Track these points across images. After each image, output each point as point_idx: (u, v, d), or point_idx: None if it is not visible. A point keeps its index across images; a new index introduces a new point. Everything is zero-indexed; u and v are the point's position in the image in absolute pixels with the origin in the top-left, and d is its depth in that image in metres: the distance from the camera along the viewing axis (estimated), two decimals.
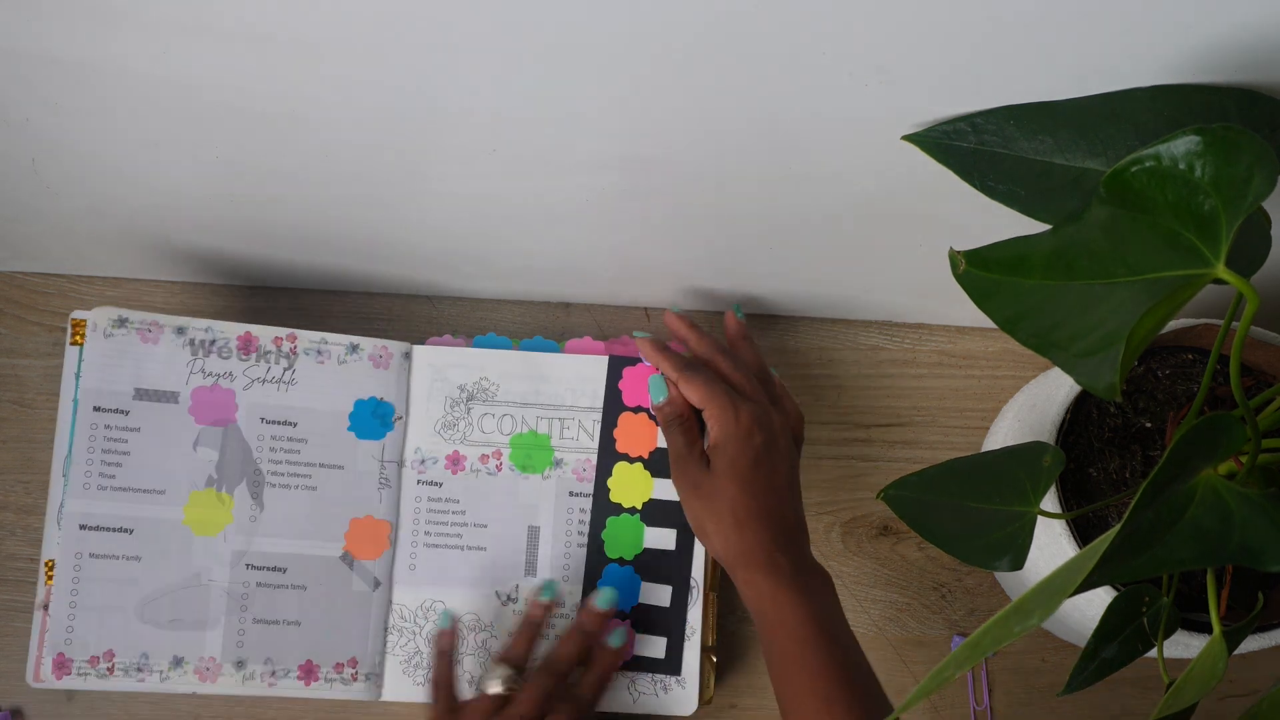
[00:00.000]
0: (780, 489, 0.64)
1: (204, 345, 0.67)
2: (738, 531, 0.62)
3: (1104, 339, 0.40)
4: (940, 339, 0.81)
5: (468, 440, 0.71)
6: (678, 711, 0.69)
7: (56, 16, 0.45)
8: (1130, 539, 0.39)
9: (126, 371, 0.66)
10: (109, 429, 0.66)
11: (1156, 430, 0.65)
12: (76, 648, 0.64)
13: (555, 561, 0.70)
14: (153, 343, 0.66)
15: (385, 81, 0.49)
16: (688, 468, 0.65)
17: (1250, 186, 0.38)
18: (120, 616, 0.65)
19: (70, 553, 0.65)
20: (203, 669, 0.66)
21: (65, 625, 0.64)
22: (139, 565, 0.65)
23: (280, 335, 0.68)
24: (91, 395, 0.65)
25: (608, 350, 0.72)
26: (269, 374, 0.68)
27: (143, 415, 0.66)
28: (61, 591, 0.64)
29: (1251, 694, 0.77)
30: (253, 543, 0.67)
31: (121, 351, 0.66)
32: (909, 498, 0.57)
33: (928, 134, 0.50)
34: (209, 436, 0.67)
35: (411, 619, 0.69)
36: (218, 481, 0.67)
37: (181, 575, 0.66)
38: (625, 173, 0.57)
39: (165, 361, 0.66)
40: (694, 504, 0.64)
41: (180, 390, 0.67)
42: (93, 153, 0.58)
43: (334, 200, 0.63)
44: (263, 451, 0.68)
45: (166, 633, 0.65)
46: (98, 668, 0.65)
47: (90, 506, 0.65)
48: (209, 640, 0.66)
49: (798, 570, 0.62)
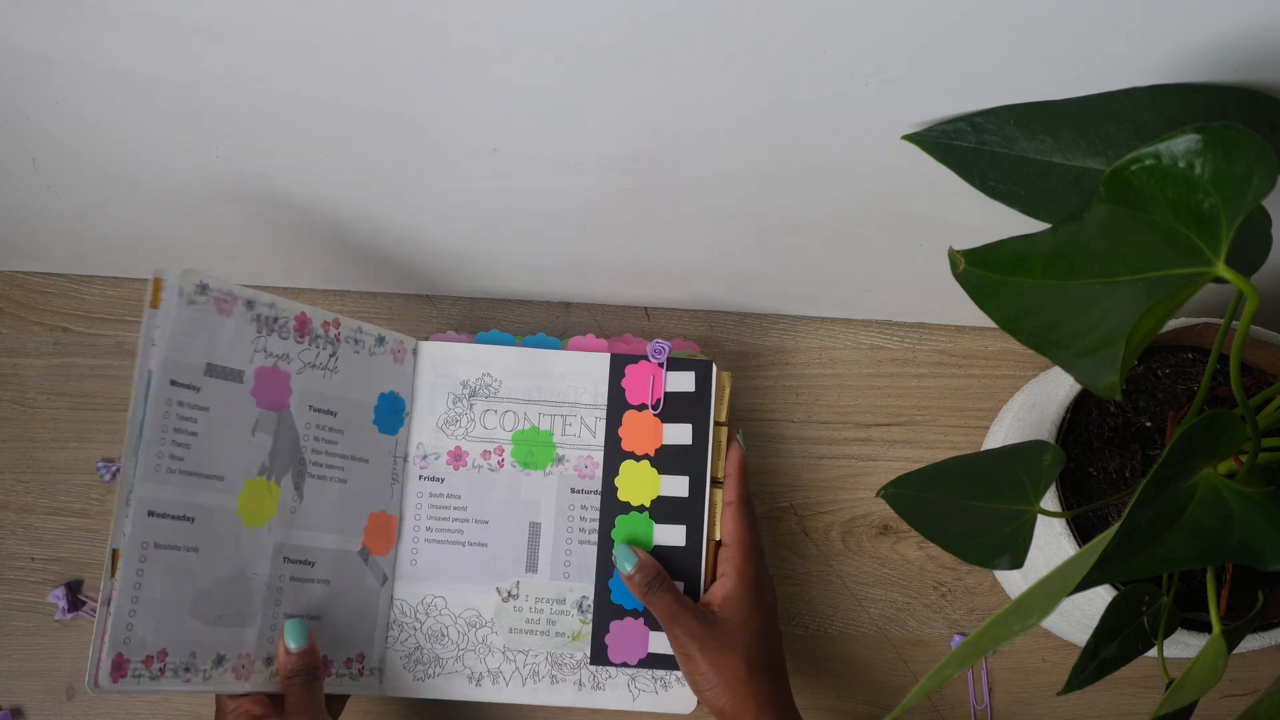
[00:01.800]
0: (780, 646, 0.67)
1: (268, 323, 0.62)
2: (751, 683, 0.63)
3: (1104, 338, 0.40)
4: (940, 338, 0.81)
5: (470, 436, 0.71)
6: (677, 710, 0.69)
7: (56, 16, 0.45)
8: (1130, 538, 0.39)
9: (201, 344, 0.59)
10: (181, 406, 0.58)
11: (1156, 429, 0.65)
12: (134, 647, 0.56)
13: (556, 558, 0.70)
14: (226, 314, 0.60)
15: (385, 81, 0.49)
16: (687, 622, 0.64)
17: (1250, 185, 0.38)
18: (175, 613, 0.58)
19: (137, 542, 0.57)
20: (239, 666, 0.61)
21: (125, 623, 0.56)
22: (196, 557, 0.59)
23: (329, 320, 0.65)
24: (169, 368, 0.58)
25: (610, 348, 0.72)
26: (317, 359, 0.65)
27: (212, 393, 0.60)
28: (125, 586, 0.56)
29: (1251, 694, 0.77)
30: (291, 535, 0.64)
31: (199, 322, 0.59)
32: (909, 496, 0.56)
33: (928, 134, 0.50)
34: (266, 421, 0.62)
35: (412, 614, 0.69)
36: (269, 470, 0.62)
37: (231, 568, 0.60)
38: (625, 173, 0.57)
39: (235, 337, 0.61)
40: (696, 655, 0.64)
41: (245, 369, 0.61)
42: (93, 152, 0.58)
43: (334, 199, 0.63)
44: (308, 440, 0.64)
45: (212, 629, 0.59)
46: (151, 668, 0.57)
47: (159, 491, 0.58)
48: (247, 636, 0.61)
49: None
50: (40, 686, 0.73)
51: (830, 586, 0.77)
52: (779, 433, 0.79)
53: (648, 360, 0.71)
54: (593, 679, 0.69)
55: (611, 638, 0.69)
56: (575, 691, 0.69)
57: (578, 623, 0.70)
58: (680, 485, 0.70)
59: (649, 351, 0.71)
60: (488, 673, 0.69)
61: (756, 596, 0.66)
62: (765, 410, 0.80)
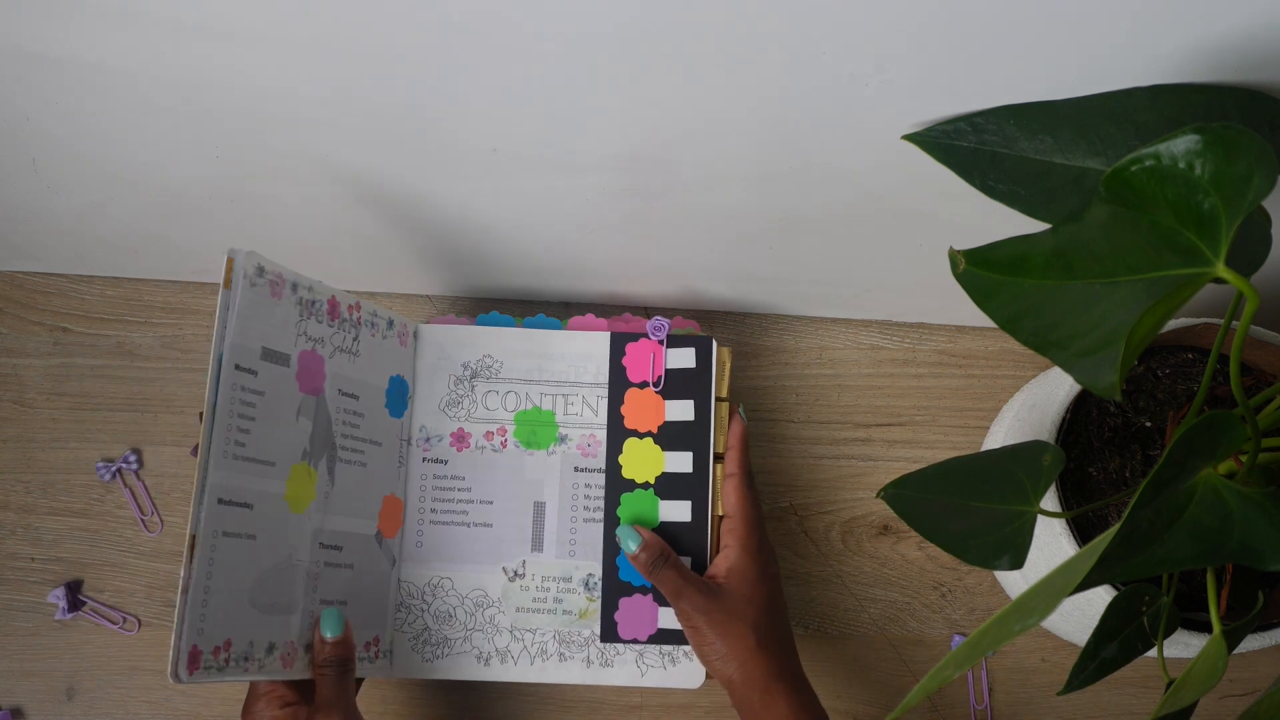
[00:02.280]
0: (787, 618, 0.67)
1: (308, 306, 0.62)
2: (760, 654, 0.63)
3: (1104, 338, 0.40)
4: (940, 339, 0.81)
5: (472, 418, 0.71)
6: (685, 685, 0.70)
7: (56, 16, 0.45)
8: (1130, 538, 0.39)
9: (258, 327, 0.58)
10: (244, 391, 0.57)
11: (1156, 430, 0.65)
12: (206, 638, 0.55)
13: (561, 536, 0.70)
14: (277, 298, 0.60)
15: (386, 82, 0.49)
16: (693, 595, 0.64)
17: (1250, 185, 0.38)
18: (238, 602, 0.57)
19: (210, 530, 0.56)
20: (286, 654, 0.60)
21: (200, 614, 0.55)
22: (254, 545, 0.58)
23: (352, 303, 0.65)
24: (235, 351, 0.57)
25: (610, 327, 0.72)
26: (344, 343, 0.64)
27: (266, 378, 0.59)
28: (200, 575, 0.55)
29: (1251, 694, 0.77)
30: (326, 520, 0.63)
31: (257, 304, 0.58)
32: (909, 496, 0.56)
33: (928, 134, 0.50)
34: (307, 406, 0.61)
35: (419, 596, 0.69)
36: (310, 455, 0.62)
37: (280, 555, 0.60)
38: (625, 172, 0.57)
39: (283, 321, 0.60)
40: (704, 628, 0.64)
41: (291, 353, 0.60)
42: (93, 153, 0.58)
43: (334, 199, 0.63)
44: (338, 425, 0.64)
45: (266, 618, 0.59)
46: (219, 659, 0.56)
47: (226, 478, 0.56)
48: (293, 624, 0.60)
49: (810, 695, 0.64)
50: (40, 686, 0.73)
51: (830, 586, 0.77)
52: (779, 433, 0.79)
53: (648, 338, 0.71)
54: (601, 656, 0.70)
55: (621, 614, 0.70)
56: (584, 669, 0.69)
57: (584, 600, 0.70)
58: (684, 461, 0.70)
59: (649, 329, 0.71)
60: (496, 652, 0.69)
61: (761, 567, 0.66)
62: (765, 410, 0.80)
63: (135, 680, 0.74)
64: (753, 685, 0.63)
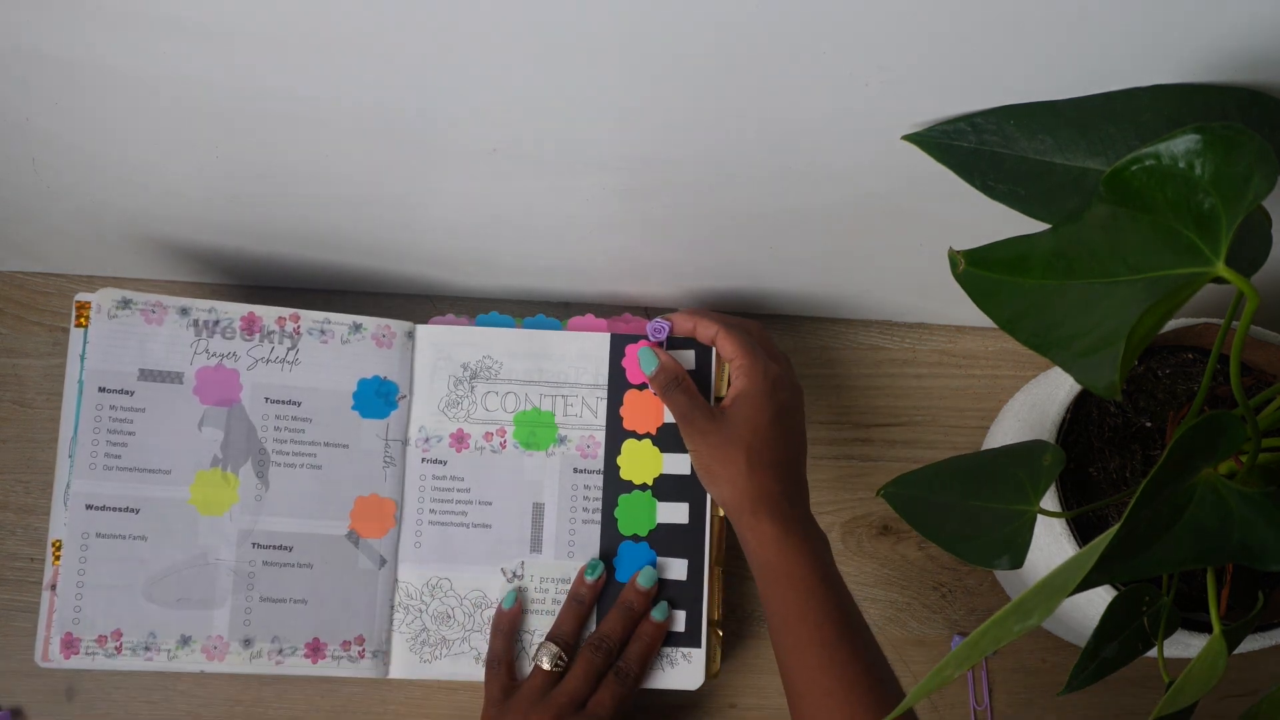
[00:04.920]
0: (794, 447, 0.66)
1: (208, 326, 0.68)
2: (749, 476, 0.63)
3: (1104, 338, 0.40)
4: (940, 339, 0.81)
5: (472, 418, 0.71)
6: (685, 685, 0.70)
7: (56, 16, 0.45)
8: (1130, 538, 0.39)
9: (131, 352, 0.67)
10: (114, 409, 0.66)
11: (1156, 430, 0.65)
12: (84, 627, 0.65)
13: (560, 538, 0.70)
14: (156, 323, 0.67)
15: (386, 81, 0.49)
16: (695, 419, 0.65)
17: (1250, 185, 0.38)
18: (127, 596, 0.66)
19: (77, 533, 0.65)
20: (210, 647, 0.66)
21: (73, 605, 0.65)
22: (145, 545, 0.66)
23: (284, 315, 0.69)
24: (96, 376, 0.66)
25: (610, 328, 0.72)
26: (272, 354, 0.69)
27: (148, 396, 0.67)
28: (69, 571, 0.65)
29: (1251, 694, 0.77)
30: (259, 521, 0.68)
31: (126, 332, 0.67)
32: (909, 495, 0.57)
33: (928, 134, 0.50)
34: (214, 416, 0.68)
35: (418, 596, 0.69)
36: (223, 461, 0.68)
37: (188, 554, 0.67)
38: (625, 173, 0.57)
39: (169, 342, 0.67)
40: (703, 450, 0.65)
41: (185, 370, 0.68)
42: (93, 153, 0.58)
43: (334, 199, 0.63)
44: (267, 431, 0.69)
45: (174, 611, 0.66)
46: (105, 647, 0.65)
47: (96, 487, 0.66)
48: (216, 619, 0.67)
49: (804, 522, 0.63)
50: (40, 686, 0.73)
51: None
52: None
53: (648, 339, 0.71)
54: None
55: None
56: None
57: None
58: (683, 463, 0.70)
59: (649, 330, 0.71)
60: None
61: (768, 394, 0.65)
62: None
63: (135, 680, 0.74)
64: (742, 508, 0.63)
